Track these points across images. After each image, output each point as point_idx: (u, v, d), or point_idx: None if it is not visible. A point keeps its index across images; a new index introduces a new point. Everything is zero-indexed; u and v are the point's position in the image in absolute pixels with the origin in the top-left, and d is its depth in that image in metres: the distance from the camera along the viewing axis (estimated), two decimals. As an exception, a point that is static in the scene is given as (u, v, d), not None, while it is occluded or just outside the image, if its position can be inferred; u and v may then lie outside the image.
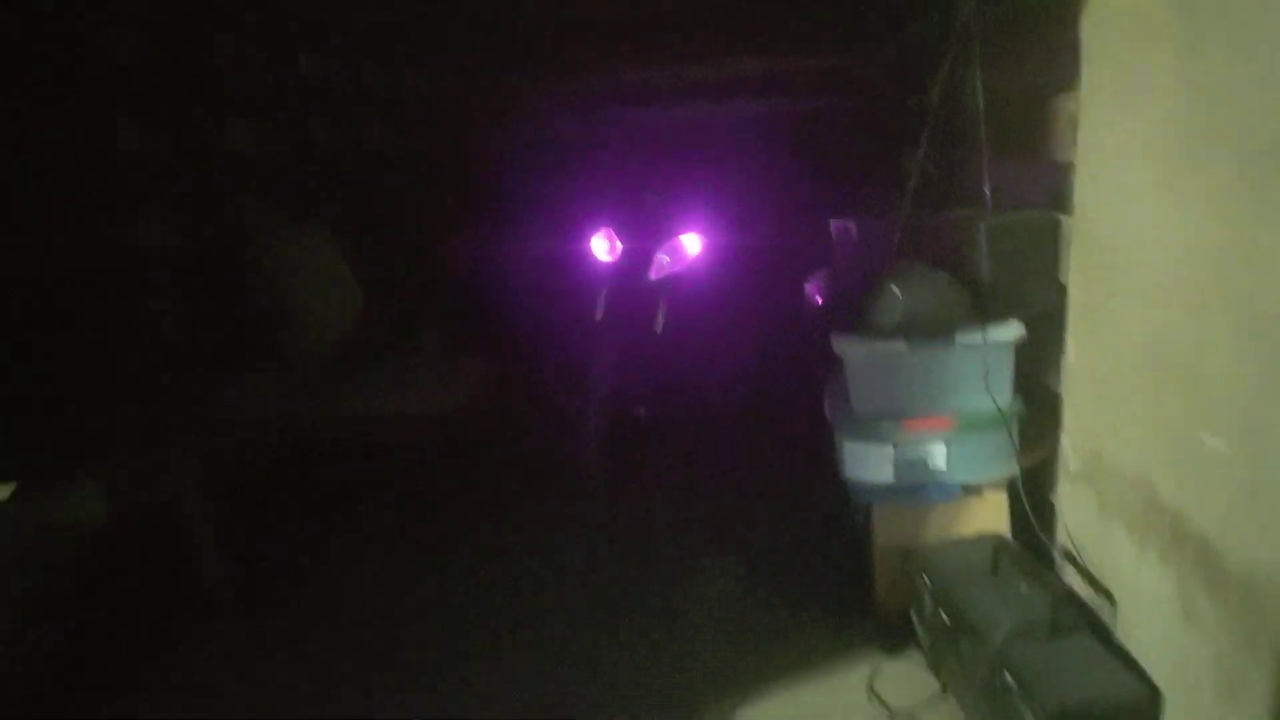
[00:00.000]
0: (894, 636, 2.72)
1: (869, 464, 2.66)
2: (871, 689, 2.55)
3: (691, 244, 3.86)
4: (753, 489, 3.84)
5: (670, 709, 2.52)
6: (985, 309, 2.56)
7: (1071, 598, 2.32)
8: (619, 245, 3.82)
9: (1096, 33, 2.23)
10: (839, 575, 3.01)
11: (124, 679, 2.60)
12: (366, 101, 4.35)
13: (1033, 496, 2.62)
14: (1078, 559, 2.39)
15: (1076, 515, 2.44)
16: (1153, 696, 2.00)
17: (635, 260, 3.83)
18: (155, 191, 3.15)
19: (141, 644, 2.74)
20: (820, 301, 3.04)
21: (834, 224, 3.18)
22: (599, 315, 3.80)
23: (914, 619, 2.68)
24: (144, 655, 2.70)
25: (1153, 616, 2.05)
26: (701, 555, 3.34)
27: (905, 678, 2.59)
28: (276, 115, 3.89)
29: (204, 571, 2.60)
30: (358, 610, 3.12)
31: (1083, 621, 2.26)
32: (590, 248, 3.84)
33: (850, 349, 2.61)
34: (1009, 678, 2.12)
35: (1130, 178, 2.08)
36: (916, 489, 2.68)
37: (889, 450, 2.63)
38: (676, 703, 2.54)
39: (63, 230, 2.62)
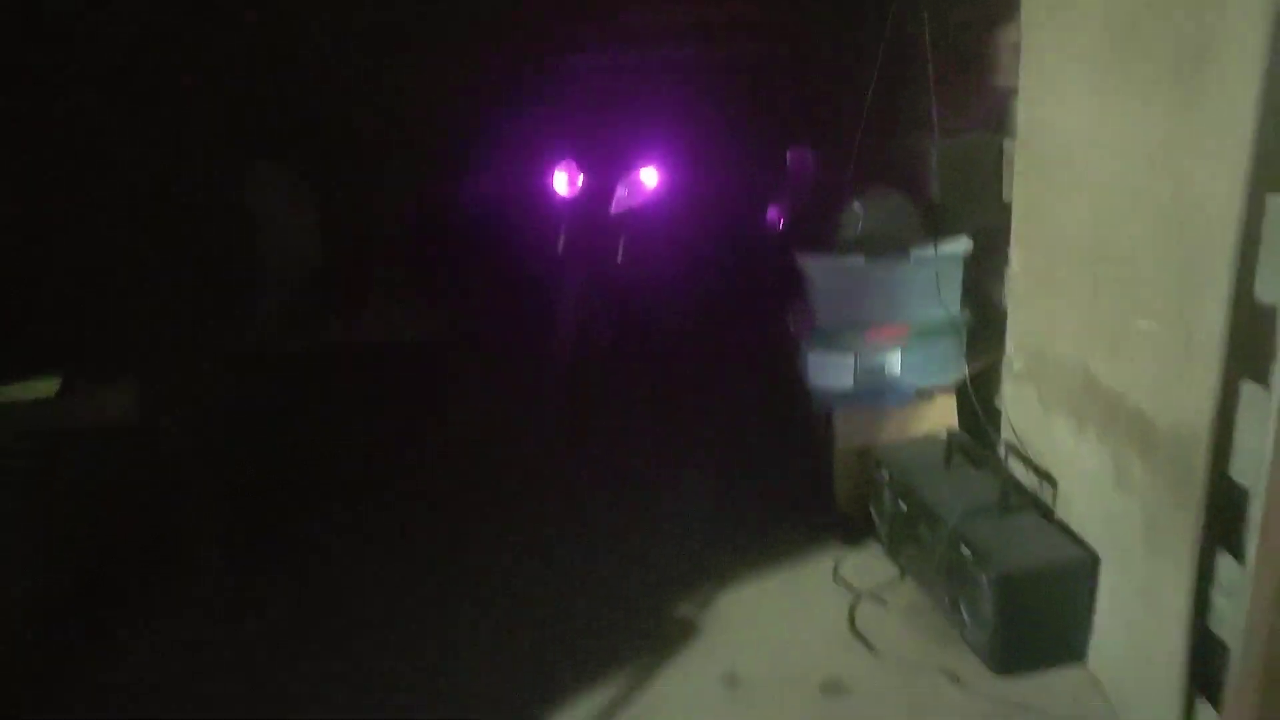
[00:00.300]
0: (855, 530, 2.97)
1: (831, 372, 2.89)
2: (836, 574, 2.79)
3: (650, 177, 4.02)
4: (721, 402, 4.07)
5: (653, 600, 2.73)
6: (936, 226, 2.80)
7: (1016, 482, 2.58)
8: (580, 179, 3.96)
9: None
10: (804, 477, 3.23)
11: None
12: (333, 48, 4.41)
13: (980, 397, 2.88)
14: (1021, 449, 2.64)
15: (1020, 411, 2.69)
16: (1090, 558, 2.26)
17: (596, 194, 3.98)
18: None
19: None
20: (782, 224, 3.24)
21: (791, 153, 3.36)
22: (561, 247, 3.95)
23: (873, 512, 2.93)
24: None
25: (1089, 490, 2.30)
26: (675, 464, 3.57)
27: (866, 565, 2.84)
28: (243, 59, 3.94)
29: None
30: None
31: (1027, 501, 2.53)
32: (552, 182, 3.98)
33: (813, 265, 2.82)
34: (965, 550, 2.37)
35: (1067, 94, 2.29)
36: (875, 394, 2.92)
37: (849, 359, 2.86)
38: (658, 595, 2.75)
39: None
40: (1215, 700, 1.80)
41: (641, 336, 4.22)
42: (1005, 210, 2.69)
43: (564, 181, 3.98)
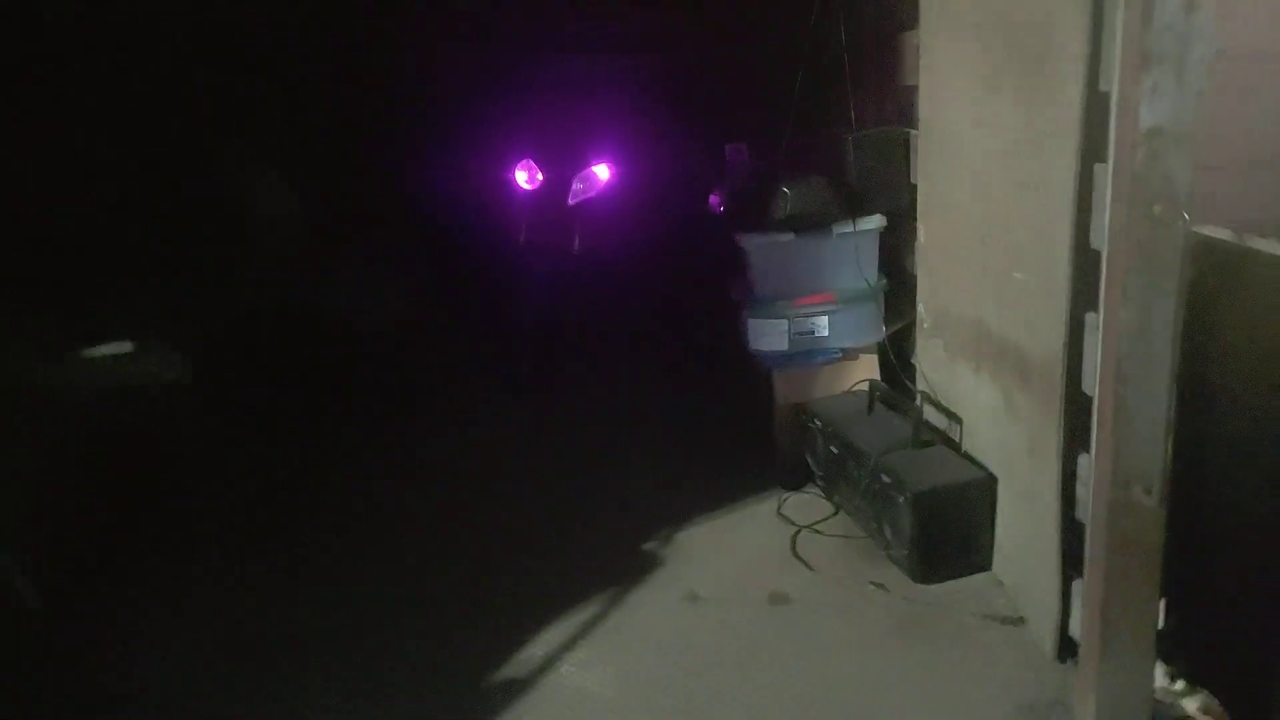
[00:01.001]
0: (794, 476, 3.38)
1: (768, 336, 3.30)
2: (779, 512, 3.21)
3: (603, 172, 4.41)
4: (673, 367, 4.51)
5: (621, 537, 3.11)
6: (854, 206, 3.22)
7: (928, 424, 3.01)
8: (539, 175, 4.35)
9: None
10: (749, 431, 3.64)
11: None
12: (314, 53, 4.74)
13: (897, 354, 3.32)
14: (932, 396, 3.07)
15: (930, 362, 3.12)
16: (989, 478, 2.70)
17: (554, 188, 4.37)
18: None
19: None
20: (721, 209, 3.64)
21: (728, 147, 3.77)
22: (522, 236, 4.33)
23: (809, 459, 3.34)
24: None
25: (987, 422, 2.73)
26: (635, 422, 3.98)
27: (805, 505, 3.26)
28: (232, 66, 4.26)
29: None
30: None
31: (937, 437, 2.96)
32: (514, 177, 4.36)
33: (750, 241, 3.23)
34: (885, 478, 2.79)
35: (954, 92, 2.72)
36: (807, 354, 3.33)
37: (784, 324, 3.27)
38: (626, 532, 3.13)
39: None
40: (1082, 574, 2.23)
41: (598, 314, 4.61)
42: (912, 191, 3.12)
43: (525, 177, 4.36)
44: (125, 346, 2.43)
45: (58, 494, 2.78)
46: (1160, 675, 2.18)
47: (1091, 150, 1.96)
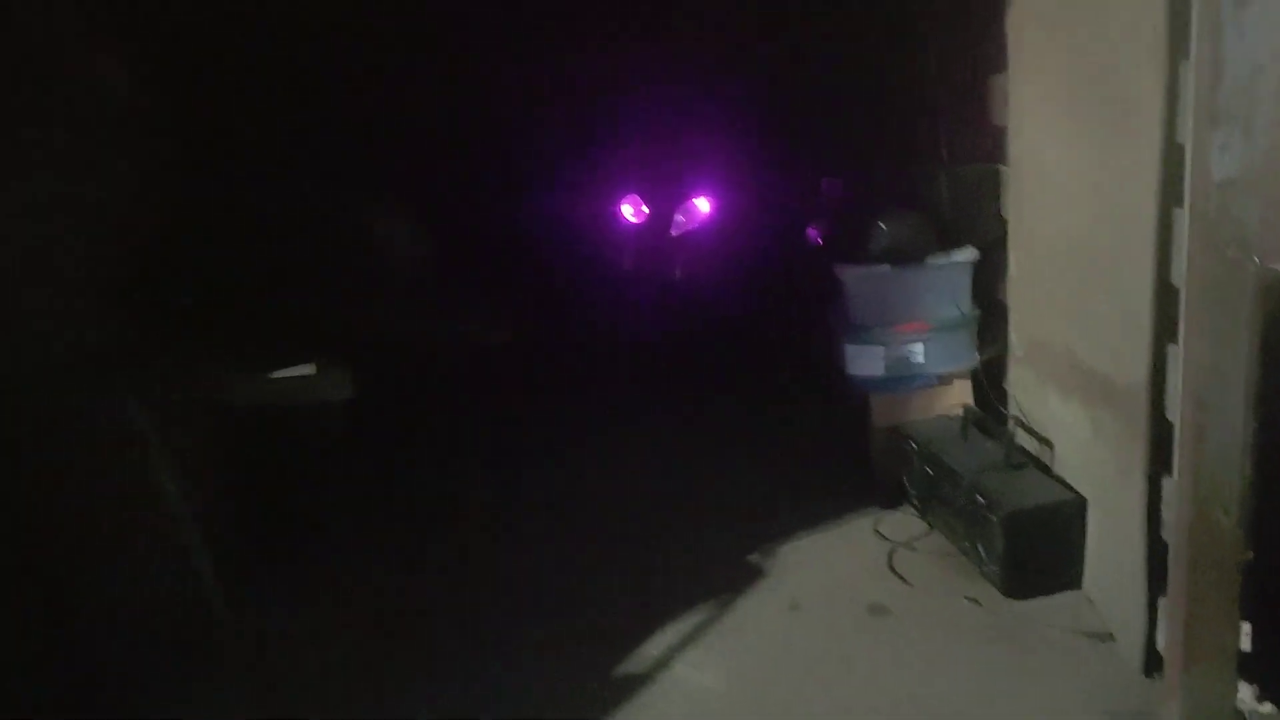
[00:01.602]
0: (889, 496, 3.54)
1: (865, 362, 3.48)
2: (876, 529, 3.38)
3: (703, 205, 4.66)
4: (774, 390, 4.72)
5: (726, 550, 3.33)
6: (948, 239, 3.39)
7: (1019, 447, 3.15)
8: (644, 208, 4.62)
9: (1016, 24, 3.03)
10: (846, 452, 3.82)
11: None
12: (430, 92, 5.13)
13: (990, 379, 3.47)
14: (1024, 421, 3.21)
15: (1022, 389, 3.26)
16: (1079, 500, 2.83)
17: (657, 220, 4.64)
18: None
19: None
20: (819, 240, 3.85)
21: (825, 181, 3.98)
22: (627, 265, 4.61)
23: (904, 479, 3.51)
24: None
25: (1076, 446, 2.87)
26: (738, 442, 4.20)
27: (900, 523, 3.42)
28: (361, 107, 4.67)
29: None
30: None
31: (1029, 460, 3.10)
32: (620, 210, 4.65)
33: (849, 273, 3.43)
34: (979, 498, 2.95)
35: (1042, 134, 2.89)
36: (902, 379, 3.50)
37: (880, 350, 3.45)
38: (731, 546, 3.34)
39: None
40: (1166, 592, 2.37)
41: (701, 338, 4.86)
42: (1003, 225, 3.28)
43: (631, 211, 4.65)
44: (310, 369, 2.77)
45: (237, 505, 3.17)
46: (1249, 695, 2.29)
47: (1170, 194, 2.12)
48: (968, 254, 3.38)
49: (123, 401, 2.75)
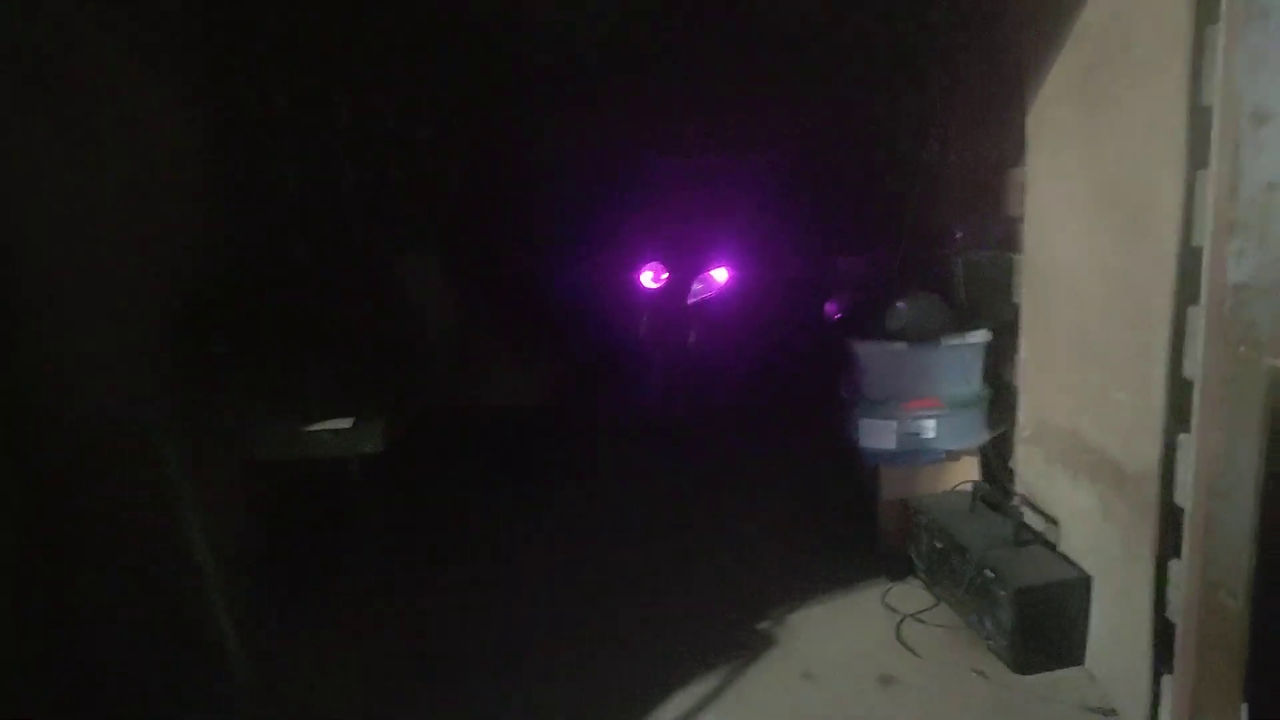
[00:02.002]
0: (897, 567, 3.64)
1: (878, 435, 3.60)
2: (884, 601, 3.47)
3: (720, 275, 4.82)
4: (785, 460, 4.82)
5: (739, 618, 3.39)
6: (962, 320, 3.54)
7: (1026, 524, 3.26)
8: (663, 275, 4.78)
9: (1036, 124, 3.20)
10: (855, 522, 3.92)
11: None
12: (461, 159, 5.30)
13: (998, 457, 3.59)
14: (1030, 498, 3.32)
15: (1029, 467, 3.38)
16: (1085, 577, 2.93)
17: (675, 287, 4.79)
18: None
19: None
20: (837, 316, 3.98)
21: (842, 260, 4.14)
22: (643, 330, 4.74)
23: (912, 552, 3.60)
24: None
25: (1083, 525, 2.98)
26: (748, 511, 4.29)
27: (908, 594, 3.51)
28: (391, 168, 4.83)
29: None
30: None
31: (1035, 537, 3.20)
32: (639, 277, 4.80)
33: (866, 348, 3.56)
34: (988, 573, 3.05)
35: (1060, 226, 3.05)
36: (913, 454, 3.62)
37: (893, 424, 3.57)
38: (743, 614, 3.41)
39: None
40: (1171, 670, 2.46)
41: (712, 406, 4.98)
42: (1015, 310, 3.42)
43: (650, 276, 4.80)
44: (345, 423, 2.87)
45: (261, 551, 3.25)
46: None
47: (1185, 293, 2.26)
48: (980, 336, 3.51)
49: (158, 446, 2.84)
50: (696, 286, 4.76)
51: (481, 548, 4.09)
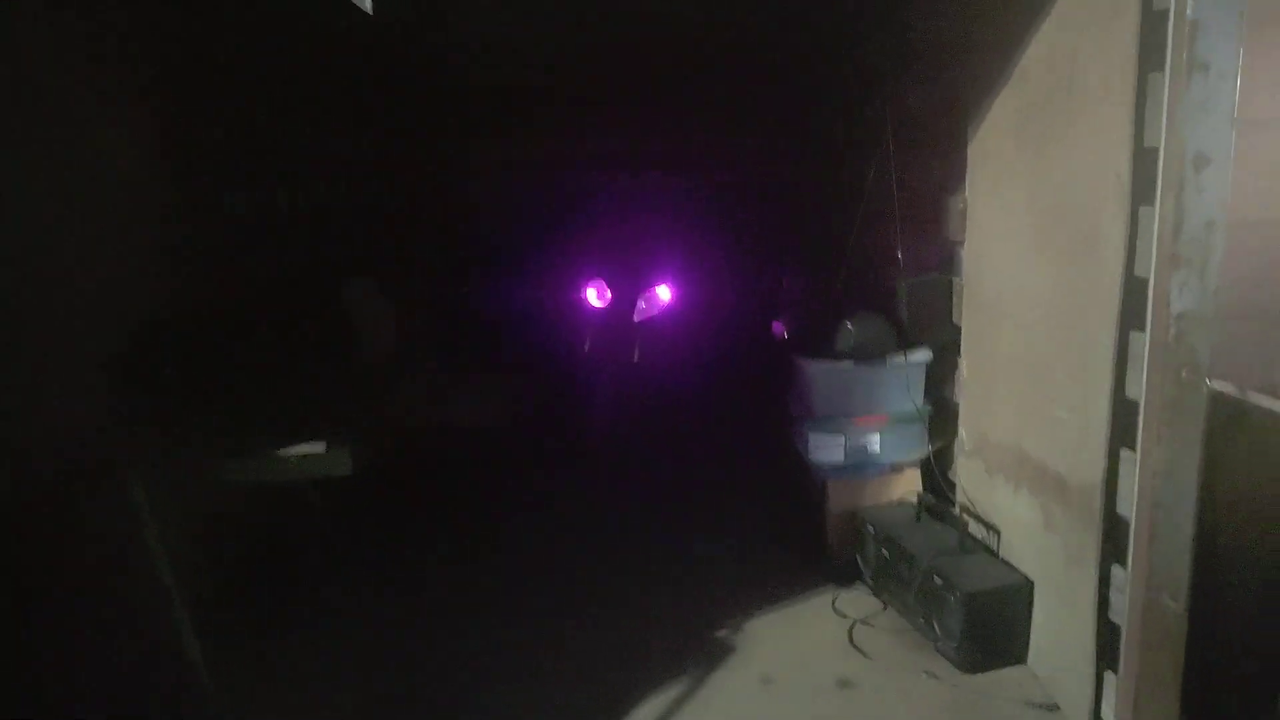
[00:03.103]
0: (844, 575, 3.79)
1: (826, 449, 3.75)
2: (834, 607, 3.61)
3: (664, 292, 4.93)
4: (734, 475, 4.94)
5: (696, 626, 3.50)
6: (905, 340, 3.72)
7: (969, 533, 3.45)
8: (608, 294, 4.86)
9: (977, 154, 3.39)
10: (804, 533, 4.06)
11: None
12: (402, 178, 5.29)
13: (940, 469, 3.78)
14: (972, 508, 3.51)
15: (969, 479, 3.57)
16: (1027, 582, 3.12)
17: (619, 305, 4.88)
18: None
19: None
20: (784, 334, 4.13)
21: (785, 277, 4.29)
22: (587, 348, 4.82)
23: (859, 561, 3.76)
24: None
25: (1024, 534, 3.17)
26: (701, 524, 4.40)
27: (856, 601, 3.66)
28: (332, 189, 4.80)
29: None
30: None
31: (979, 545, 3.39)
32: (584, 295, 4.88)
33: (816, 367, 3.71)
34: (936, 579, 3.22)
35: (999, 251, 3.24)
36: (859, 467, 3.78)
37: (841, 439, 3.73)
38: (701, 622, 3.52)
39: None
40: (1114, 667, 2.65)
41: (659, 422, 5.07)
42: (956, 330, 3.61)
43: (595, 294, 4.88)
44: (319, 447, 2.88)
45: (230, 579, 3.22)
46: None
47: (1128, 319, 2.45)
48: (923, 355, 3.70)
49: (120, 475, 2.81)
50: (641, 305, 4.86)
51: (440, 570, 4.10)
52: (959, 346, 3.61)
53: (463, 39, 4.53)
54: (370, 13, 4.06)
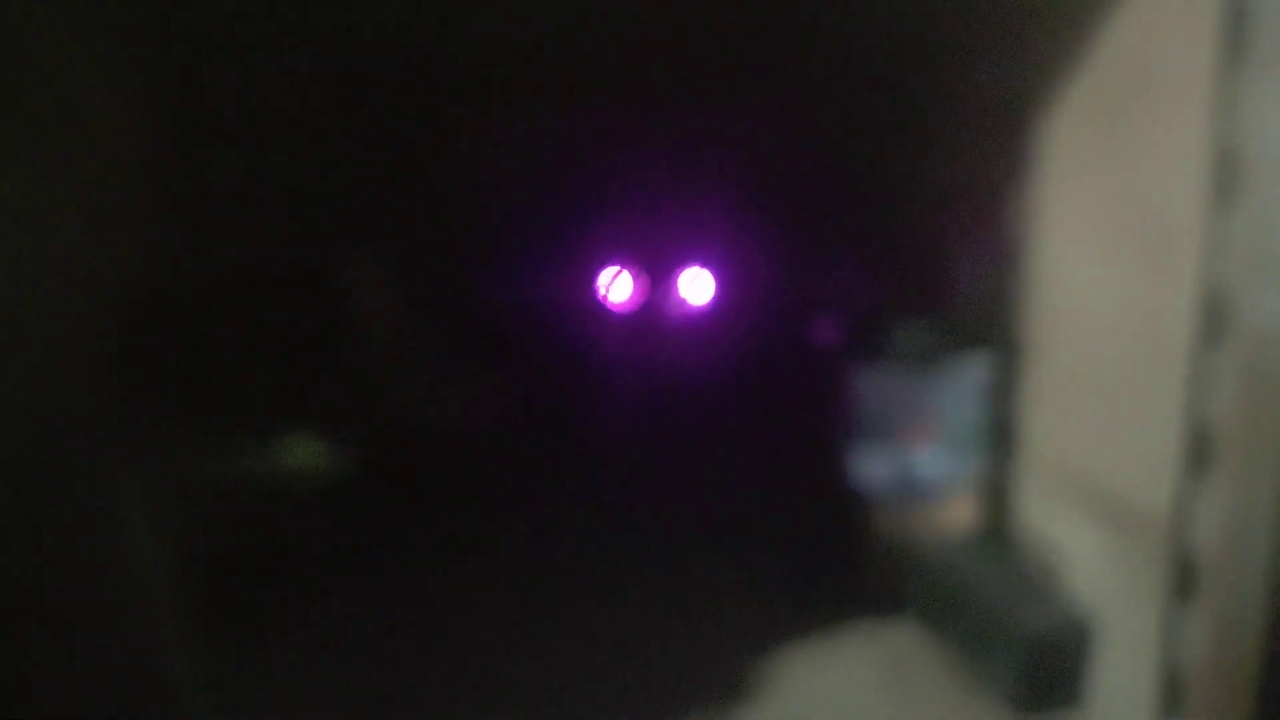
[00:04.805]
0: (888, 607, 3.50)
1: (872, 466, 3.54)
2: (875, 641, 3.38)
3: (699, 288, 4.68)
4: (758, 492, 4.71)
5: (726, 661, 3.30)
6: (962, 346, 3.48)
7: (1027, 565, 3.20)
8: (633, 285, 4.63)
9: (1045, 147, 3.13)
10: (838, 558, 3.81)
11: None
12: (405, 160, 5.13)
13: (997, 495, 3.53)
14: (1031, 536, 3.27)
15: (1030, 503, 3.31)
16: (1088, 620, 2.86)
17: (649, 299, 4.65)
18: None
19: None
20: (831, 341, 3.92)
21: (834, 273, 4.08)
22: (611, 346, 4.61)
23: (905, 591, 3.53)
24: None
25: (1087, 567, 2.93)
26: (726, 548, 4.20)
27: (900, 636, 3.39)
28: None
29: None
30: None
31: (1037, 578, 3.14)
32: (605, 290, 4.64)
33: (861, 373, 3.50)
34: (991, 615, 2.99)
35: (1067, 253, 3.00)
36: (908, 486, 3.55)
37: (888, 456, 3.52)
38: (731, 656, 3.31)
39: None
40: (1180, 714, 2.41)
41: (682, 427, 4.83)
42: (1019, 338, 3.37)
43: (614, 283, 4.65)
44: (316, 444, 2.77)
45: (215, 576, 3.13)
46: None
47: (1205, 332, 2.21)
48: (981, 363, 3.46)
49: (103, 468, 2.73)
50: (673, 299, 4.62)
51: (433, 584, 3.91)
52: (1021, 355, 3.37)
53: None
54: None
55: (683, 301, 4.66)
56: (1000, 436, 3.57)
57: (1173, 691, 2.44)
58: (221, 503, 3.26)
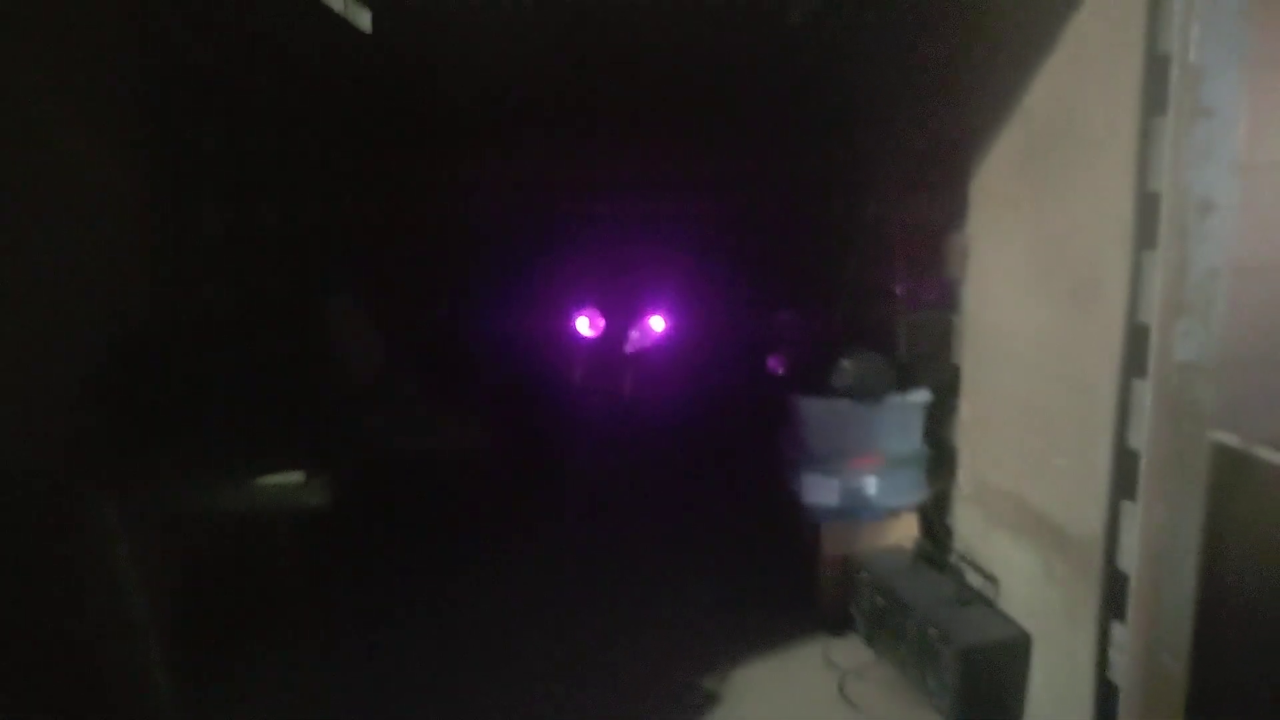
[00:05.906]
0: (836, 624, 3.67)
1: (821, 491, 3.64)
2: (826, 657, 3.50)
3: (658, 324, 4.85)
4: (724, 515, 4.81)
5: (682, 676, 3.38)
6: (904, 380, 3.62)
7: (967, 582, 3.33)
8: (600, 323, 4.78)
9: (979, 192, 3.32)
10: (793, 578, 3.94)
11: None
12: (388, 195, 5.22)
13: (937, 515, 3.67)
14: (969, 557, 3.40)
15: (968, 526, 3.47)
16: (1025, 636, 3.01)
17: (610, 336, 4.79)
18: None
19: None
20: (781, 371, 4.04)
21: (781, 313, 4.20)
22: (577, 379, 4.73)
23: (853, 608, 3.65)
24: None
25: (1023, 585, 3.06)
26: (688, 567, 4.27)
27: (848, 651, 3.53)
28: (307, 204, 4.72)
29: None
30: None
31: (976, 596, 3.28)
32: (575, 324, 4.79)
33: (811, 405, 3.62)
34: (932, 630, 3.11)
35: (1001, 292, 3.16)
36: (854, 510, 3.67)
37: (835, 481, 3.63)
38: (687, 672, 3.40)
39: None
40: (1113, 730, 2.54)
41: (649, 458, 4.94)
42: (955, 371, 3.52)
43: (586, 324, 4.79)
44: (297, 477, 2.79)
45: (201, 609, 3.13)
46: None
47: (1130, 367, 2.36)
48: (922, 395, 3.60)
49: (93, 500, 2.73)
50: (633, 334, 4.77)
51: (416, 607, 3.97)
52: (959, 388, 3.52)
53: (456, 57, 4.48)
54: (369, 31, 4.02)
55: (641, 336, 4.78)
56: (939, 463, 3.73)
57: (1104, 704, 2.57)
58: (203, 531, 3.28)
